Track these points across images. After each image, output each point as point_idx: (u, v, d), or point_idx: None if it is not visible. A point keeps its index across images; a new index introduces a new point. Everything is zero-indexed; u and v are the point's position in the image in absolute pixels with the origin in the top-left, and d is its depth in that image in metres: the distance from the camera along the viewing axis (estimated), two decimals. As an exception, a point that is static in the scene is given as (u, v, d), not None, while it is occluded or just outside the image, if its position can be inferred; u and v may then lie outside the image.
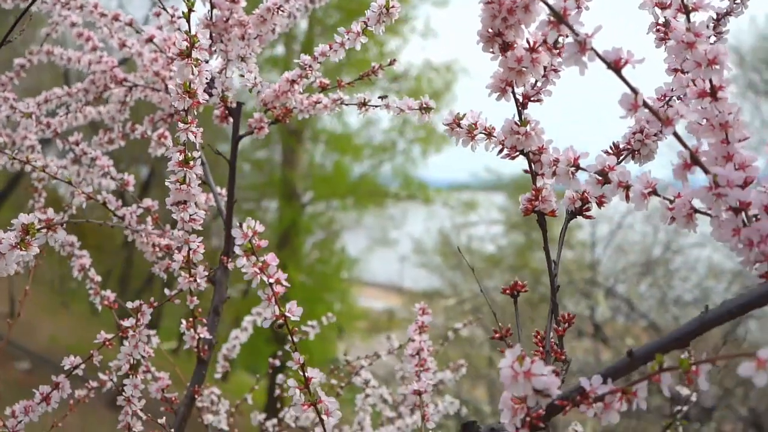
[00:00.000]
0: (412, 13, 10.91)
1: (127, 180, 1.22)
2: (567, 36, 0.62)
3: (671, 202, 0.64)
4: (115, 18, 1.21)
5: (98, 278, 1.21)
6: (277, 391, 1.52)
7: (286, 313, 0.74)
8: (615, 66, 0.58)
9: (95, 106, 1.45)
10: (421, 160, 11.74)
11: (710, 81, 0.62)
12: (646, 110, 0.58)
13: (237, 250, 0.71)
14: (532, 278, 8.02)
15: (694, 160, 0.59)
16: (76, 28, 1.30)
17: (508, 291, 0.76)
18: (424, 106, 0.99)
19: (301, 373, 0.75)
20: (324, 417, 0.75)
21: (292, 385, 0.75)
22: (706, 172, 0.59)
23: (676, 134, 0.59)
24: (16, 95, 1.31)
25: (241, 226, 0.71)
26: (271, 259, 0.73)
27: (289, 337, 0.75)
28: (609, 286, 6.46)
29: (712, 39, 0.85)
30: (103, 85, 1.31)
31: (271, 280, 0.72)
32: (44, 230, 0.76)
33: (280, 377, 1.49)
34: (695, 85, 0.64)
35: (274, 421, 1.50)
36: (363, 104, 1.08)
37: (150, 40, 1.18)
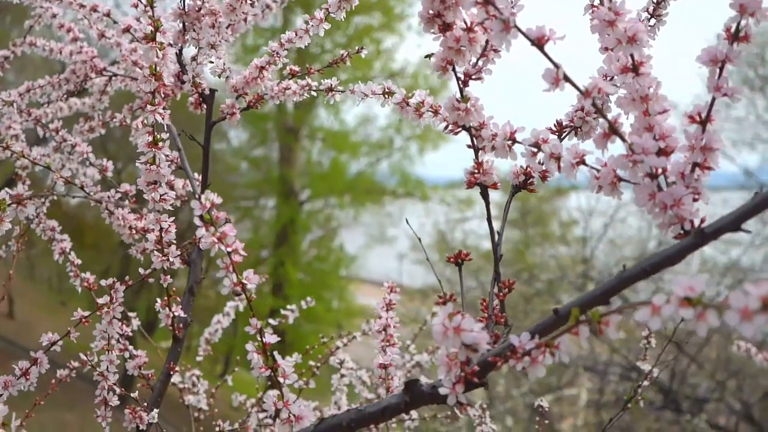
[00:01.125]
0: (408, 11, 10.93)
1: (105, 166, 1.26)
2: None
3: (598, 171, 0.69)
4: (94, 9, 1.25)
5: (78, 261, 1.25)
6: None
7: (244, 281, 0.78)
8: (538, 43, 0.63)
9: (81, 97, 1.50)
10: (418, 158, 11.79)
11: (632, 57, 0.66)
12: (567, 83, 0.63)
13: (197, 221, 0.75)
14: (528, 273, 8.08)
15: (612, 129, 0.64)
16: (57, 20, 1.34)
17: (452, 259, 0.80)
18: (387, 91, 1.03)
19: (259, 338, 0.80)
20: (281, 380, 0.80)
21: (250, 350, 0.80)
22: (624, 140, 0.63)
23: (595, 105, 0.63)
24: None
25: (199, 198, 0.75)
26: (229, 229, 0.77)
27: (248, 305, 0.79)
28: (599, 280, 6.51)
29: (652, 21, 0.89)
30: (84, 74, 1.36)
31: (229, 249, 0.76)
32: (14, 205, 0.80)
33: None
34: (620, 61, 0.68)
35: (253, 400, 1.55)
36: (330, 89, 1.13)
37: (127, 30, 1.22)
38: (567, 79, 0.63)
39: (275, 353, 0.80)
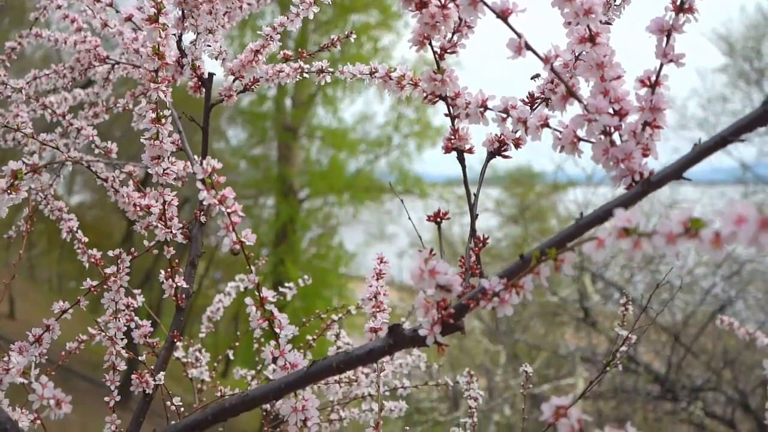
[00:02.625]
0: (404, 8, 10.98)
1: (110, 148, 1.34)
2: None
3: (560, 133, 0.76)
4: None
5: (85, 239, 1.32)
6: (255, 346, 1.64)
7: (243, 239, 0.85)
8: (502, 15, 0.70)
9: (85, 88, 1.58)
10: (416, 155, 11.86)
11: (588, 28, 0.74)
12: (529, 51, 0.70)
13: (199, 184, 0.82)
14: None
15: (569, 92, 0.71)
16: (62, 11, 1.42)
17: (431, 218, 0.88)
18: (373, 70, 1.10)
19: (257, 293, 0.87)
20: (277, 330, 0.87)
21: (249, 303, 0.87)
22: (580, 101, 0.71)
23: (553, 70, 0.70)
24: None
25: (201, 163, 0.82)
26: (229, 192, 0.84)
27: (246, 263, 0.86)
28: (596, 271, 6.58)
29: (618, 1, 0.96)
30: (88, 62, 1.43)
31: (229, 210, 0.83)
32: (30, 174, 0.88)
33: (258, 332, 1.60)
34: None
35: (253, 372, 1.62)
36: (321, 71, 1.20)
37: (129, 19, 1.29)
38: (528, 47, 0.70)
39: (272, 307, 0.87)
